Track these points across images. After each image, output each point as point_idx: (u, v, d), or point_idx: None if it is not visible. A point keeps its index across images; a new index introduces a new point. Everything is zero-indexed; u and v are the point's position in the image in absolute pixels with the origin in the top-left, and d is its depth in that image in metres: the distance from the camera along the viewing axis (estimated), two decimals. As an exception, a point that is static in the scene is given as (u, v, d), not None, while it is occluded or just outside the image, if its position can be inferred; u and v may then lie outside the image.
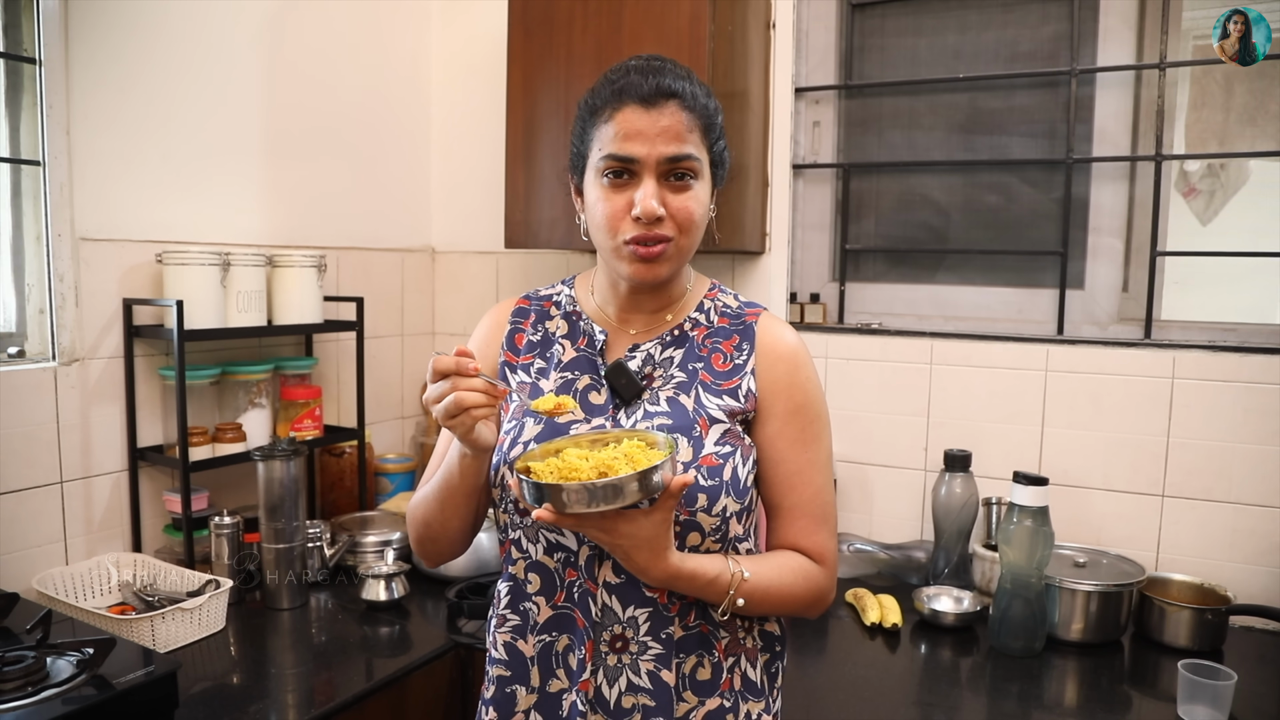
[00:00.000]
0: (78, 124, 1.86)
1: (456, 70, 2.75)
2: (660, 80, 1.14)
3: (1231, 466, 1.93)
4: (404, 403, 2.76)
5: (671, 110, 1.14)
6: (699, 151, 1.16)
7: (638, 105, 1.14)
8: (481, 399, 1.05)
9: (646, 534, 1.04)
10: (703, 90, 1.19)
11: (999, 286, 2.27)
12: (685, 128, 1.14)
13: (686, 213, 1.16)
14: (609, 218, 1.16)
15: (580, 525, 1.05)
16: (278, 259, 2.16)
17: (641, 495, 0.99)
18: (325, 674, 1.68)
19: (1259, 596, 1.90)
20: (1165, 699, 1.60)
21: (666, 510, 1.05)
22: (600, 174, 1.17)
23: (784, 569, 1.18)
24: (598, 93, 1.19)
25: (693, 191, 1.16)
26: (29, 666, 1.32)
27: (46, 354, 1.86)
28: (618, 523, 1.03)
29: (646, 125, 1.13)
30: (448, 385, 1.06)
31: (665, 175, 1.15)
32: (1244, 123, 2.07)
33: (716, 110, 1.21)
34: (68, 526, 1.88)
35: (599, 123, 1.17)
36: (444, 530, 1.23)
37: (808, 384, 1.22)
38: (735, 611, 1.14)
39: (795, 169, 2.41)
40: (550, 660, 1.20)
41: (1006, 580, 1.79)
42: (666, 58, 1.21)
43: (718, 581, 1.11)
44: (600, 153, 1.16)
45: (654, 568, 1.07)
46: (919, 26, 2.34)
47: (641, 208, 1.13)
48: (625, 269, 1.18)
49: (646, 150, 1.13)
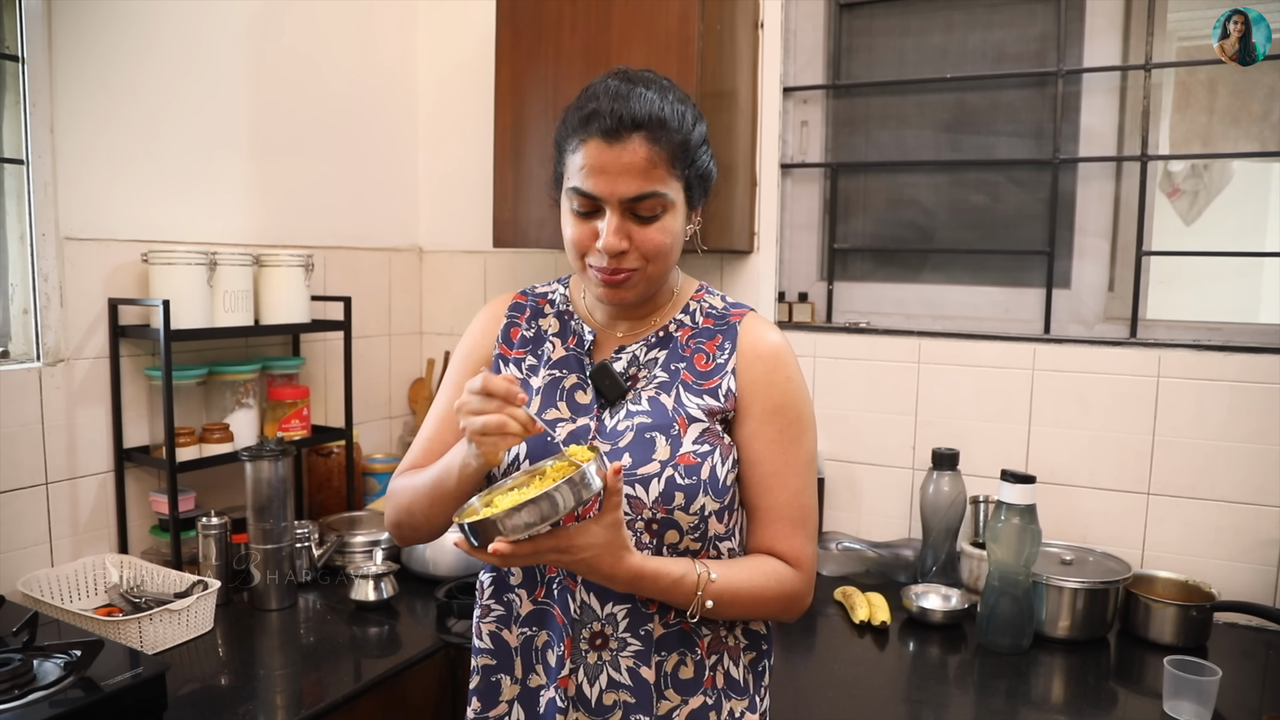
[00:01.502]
0: (62, 122, 1.85)
1: (443, 69, 2.75)
2: (626, 109, 1.11)
3: (1216, 464, 1.95)
4: (391, 402, 2.75)
5: (634, 145, 1.12)
6: (666, 185, 1.14)
7: (600, 139, 1.12)
8: (520, 430, 1.06)
9: (602, 540, 1.05)
10: (676, 111, 1.15)
11: (986, 286, 2.29)
12: (649, 163, 1.12)
13: (652, 244, 1.16)
14: (576, 244, 1.18)
15: (537, 553, 1.04)
16: (265, 258, 2.15)
17: (575, 501, 0.99)
18: (314, 675, 1.68)
19: (1243, 593, 1.92)
20: (1151, 695, 1.62)
21: (614, 509, 1.05)
22: (569, 201, 1.18)
23: (755, 572, 1.18)
24: (568, 117, 1.18)
25: (660, 224, 1.16)
26: (16, 669, 1.31)
27: (31, 354, 1.84)
28: (572, 538, 1.04)
29: (609, 161, 1.12)
30: (494, 405, 1.05)
31: (630, 210, 1.15)
32: (1227, 124, 2.09)
33: (693, 128, 1.17)
34: (53, 528, 1.86)
35: (568, 150, 1.17)
36: (427, 522, 1.24)
37: (788, 384, 1.22)
38: (706, 615, 1.14)
39: (783, 168, 2.41)
40: (530, 654, 1.21)
41: (994, 578, 1.80)
42: (644, 74, 1.19)
43: (683, 582, 1.12)
44: (569, 183, 1.17)
45: (619, 570, 1.07)
46: (906, 26, 2.34)
47: (603, 243, 1.14)
48: (595, 290, 1.21)
49: (609, 189, 1.13)
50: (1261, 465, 1.91)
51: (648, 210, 1.15)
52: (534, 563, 1.07)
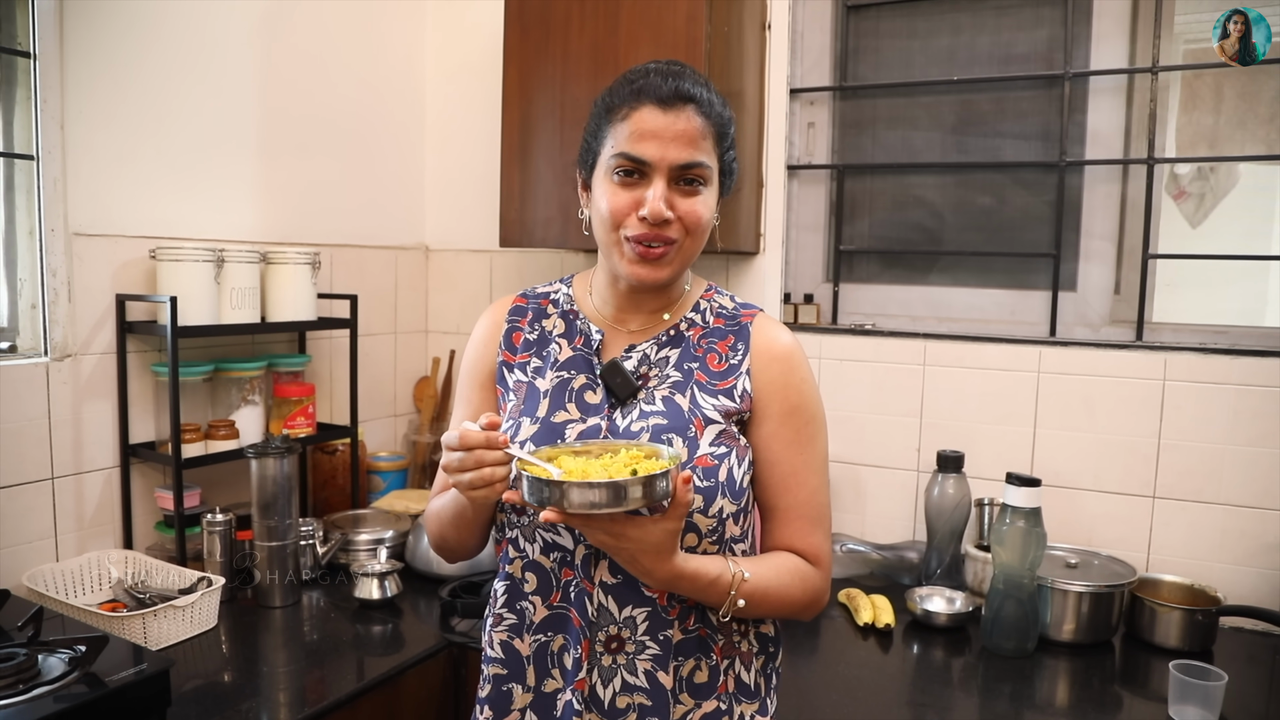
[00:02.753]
0: (72, 119, 1.85)
1: (451, 68, 2.75)
2: (680, 84, 1.15)
3: (1222, 468, 1.95)
4: (396, 400, 2.75)
5: (688, 115, 1.14)
6: (710, 159, 1.17)
7: (655, 106, 1.14)
8: (506, 473, 1.06)
9: (655, 540, 1.05)
10: (719, 100, 1.20)
11: (992, 288, 2.28)
12: (699, 134, 1.15)
13: (695, 216, 1.16)
14: (614, 211, 1.16)
15: (586, 526, 1.05)
16: (272, 256, 2.16)
17: (645, 501, 0.99)
18: (318, 672, 1.68)
19: (1248, 597, 1.91)
20: (1156, 699, 1.61)
21: (677, 520, 1.05)
22: (611, 171, 1.17)
23: (781, 570, 1.18)
24: (615, 91, 1.19)
25: (701, 196, 1.17)
26: (20, 664, 1.31)
27: (38, 349, 1.85)
28: (627, 527, 1.04)
29: (662, 127, 1.14)
30: (472, 459, 1.06)
31: (675, 179, 1.16)
32: (1234, 126, 2.09)
33: (730, 120, 1.22)
34: (59, 523, 1.87)
35: (615, 120, 1.17)
36: (460, 544, 1.28)
37: (803, 385, 1.23)
38: (735, 613, 1.14)
39: (790, 170, 2.41)
40: (545, 660, 1.20)
41: (999, 581, 1.79)
42: (686, 64, 1.22)
43: (719, 582, 1.12)
44: (613, 150, 1.16)
45: (659, 570, 1.07)
46: (913, 29, 2.34)
47: (649, 209, 1.13)
48: (625, 268, 1.18)
49: (660, 154, 1.14)
50: (1267, 469, 1.91)
51: (695, 177, 1.16)
52: (580, 528, 1.07)
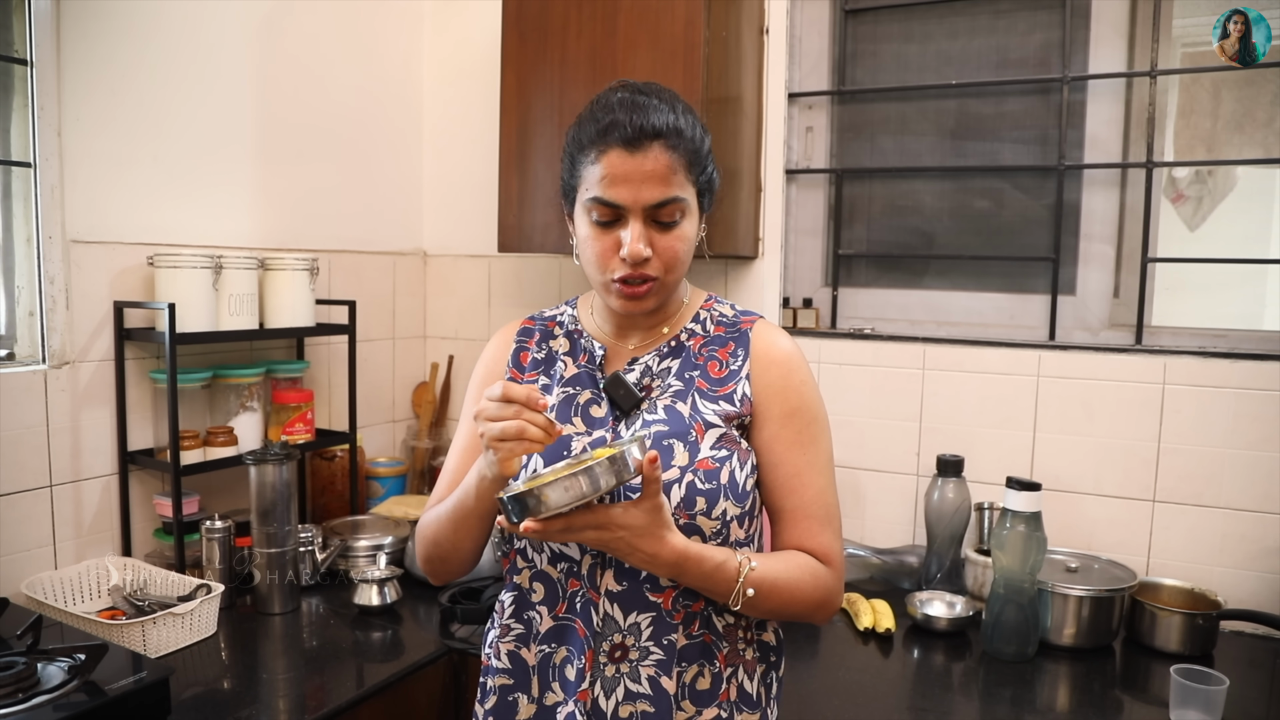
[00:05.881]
0: (69, 125, 1.85)
1: (448, 73, 2.75)
2: (644, 120, 1.14)
3: (1222, 472, 1.95)
4: (395, 406, 2.75)
5: (655, 153, 1.14)
6: (684, 190, 1.17)
7: (622, 149, 1.14)
8: (540, 434, 1.06)
9: (642, 521, 1.05)
10: (688, 121, 1.18)
11: (991, 292, 2.28)
12: (669, 170, 1.14)
13: (672, 253, 1.17)
14: (599, 256, 1.18)
15: (570, 529, 1.04)
16: (269, 262, 2.15)
17: (615, 481, 1.00)
18: (318, 679, 1.67)
19: (1249, 601, 1.91)
20: (1157, 704, 1.61)
21: (653, 495, 1.05)
22: (588, 213, 1.18)
23: (791, 564, 1.18)
24: (583, 129, 1.19)
25: (679, 230, 1.18)
26: (20, 673, 1.31)
27: (36, 357, 1.84)
28: (610, 515, 1.04)
29: (632, 169, 1.13)
30: (512, 411, 1.06)
31: (651, 218, 1.16)
32: (1232, 129, 2.09)
33: (703, 138, 1.21)
34: (57, 530, 1.86)
35: (585, 162, 1.18)
36: (454, 550, 1.25)
37: (803, 387, 1.23)
38: (745, 606, 1.13)
39: (788, 174, 2.41)
40: (548, 672, 1.20)
41: (999, 585, 1.79)
42: (650, 86, 1.21)
43: (725, 567, 1.11)
44: (587, 194, 1.17)
45: (662, 551, 1.07)
46: (911, 33, 2.35)
47: (629, 251, 1.14)
48: (614, 302, 1.21)
49: (632, 197, 1.14)
50: (1267, 472, 1.91)
51: (668, 216, 1.16)
52: (568, 539, 1.07)
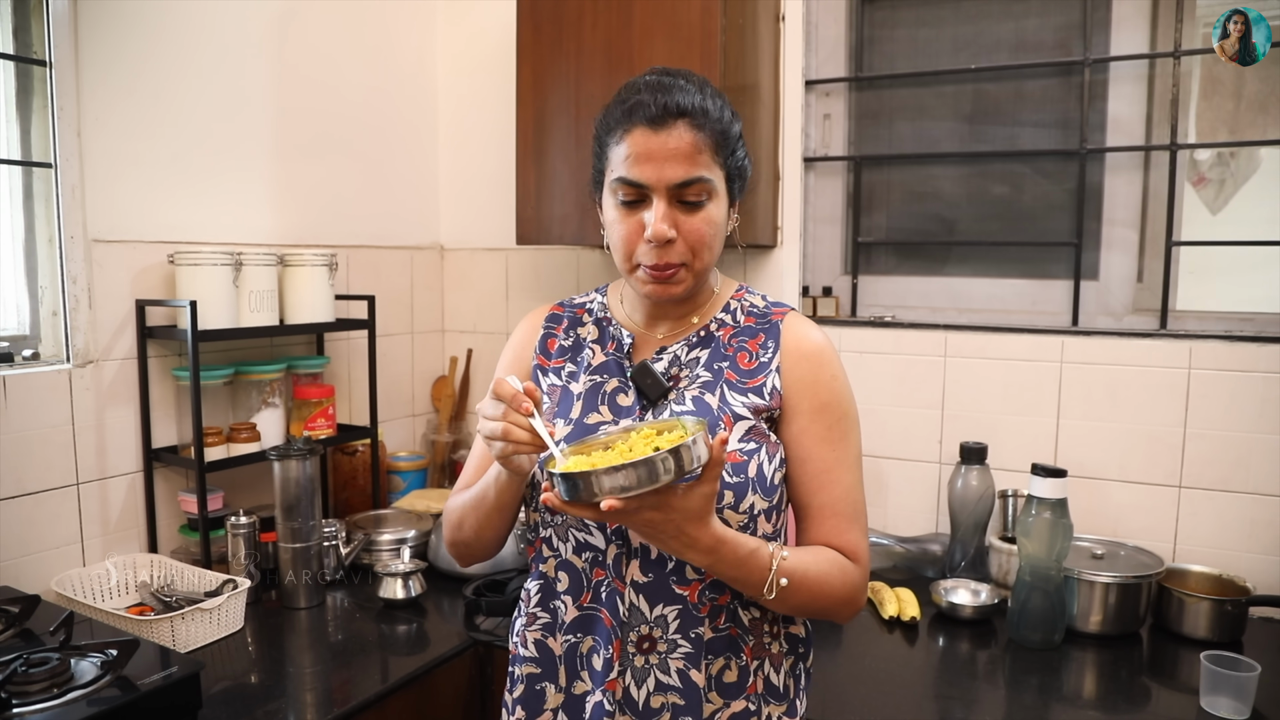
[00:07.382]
0: (88, 126, 1.86)
1: (462, 67, 2.75)
2: (669, 99, 1.13)
3: (1249, 457, 1.92)
4: (415, 400, 2.75)
5: (680, 131, 1.13)
6: (710, 171, 1.15)
7: (646, 127, 1.13)
8: (525, 437, 1.05)
9: (696, 506, 1.03)
10: (716, 104, 1.17)
11: (1012, 278, 2.26)
12: (694, 148, 1.13)
13: (697, 234, 1.16)
14: (624, 240, 1.17)
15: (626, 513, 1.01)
16: (289, 258, 2.16)
17: (678, 473, 0.97)
18: (344, 673, 1.68)
19: (1277, 587, 1.89)
20: (1186, 690, 1.60)
21: (713, 481, 1.03)
22: (614, 194, 1.17)
23: (820, 558, 1.17)
24: (610, 111, 1.19)
25: (705, 213, 1.16)
26: (54, 668, 1.32)
27: (60, 356, 1.86)
28: (670, 499, 1.01)
29: (655, 147, 1.13)
30: (499, 413, 1.06)
31: (676, 198, 1.15)
32: (1255, 110, 2.06)
33: (732, 122, 1.19)
34: (84, 528, 1.88)
35: (611, 143, 1.17)
36: (477, 538, 1.26)
37: (833, 382, 1.22)
38: (777, 599, 1.11)
39: (806, 162, 2.40)
40: (575, 661, 1.20)
41: (1025, 572, 1.78)
42: (681, 70, 1.20)
43: (759, 554, 1.10)
44: (612, 175, 1.17)
45: (704, 536, 1.05)
46: (928, 18, 2.32)
47: (653, 230, 1.13)
48: (643, 289, 1.20)
49: (656, 175, 1.13)
50: (1296, 457, 1.89)
51: (694, 195, 1.15)
52: (625, 523, 1.05)
